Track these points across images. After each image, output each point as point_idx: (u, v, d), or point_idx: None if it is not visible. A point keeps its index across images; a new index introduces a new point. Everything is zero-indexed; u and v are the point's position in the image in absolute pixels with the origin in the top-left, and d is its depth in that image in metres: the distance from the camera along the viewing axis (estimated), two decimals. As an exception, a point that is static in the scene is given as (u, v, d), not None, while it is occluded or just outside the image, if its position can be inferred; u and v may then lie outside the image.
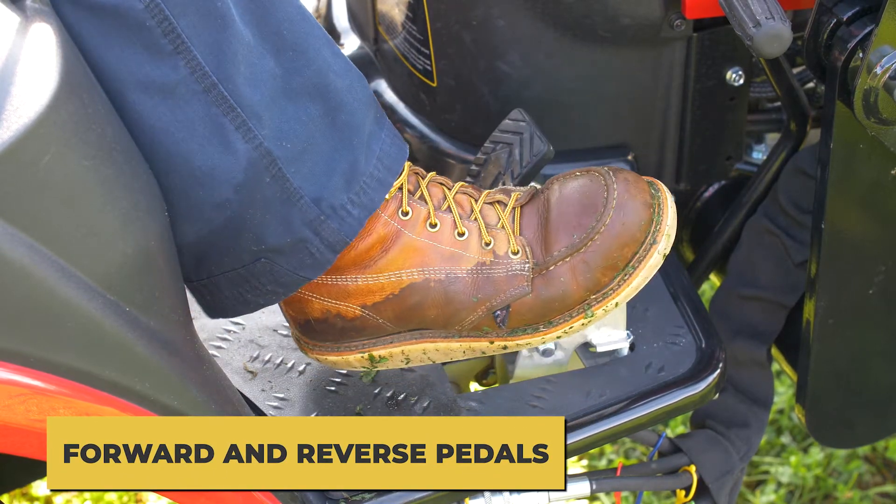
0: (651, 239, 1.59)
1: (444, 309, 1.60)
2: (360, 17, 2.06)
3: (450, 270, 1.59)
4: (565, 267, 1.59)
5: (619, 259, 1.59)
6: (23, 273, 1.28)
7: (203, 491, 1.44)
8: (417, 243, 1.59)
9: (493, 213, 1.62)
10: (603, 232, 1.58)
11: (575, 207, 1.60)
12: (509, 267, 1.59)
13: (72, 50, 1.36)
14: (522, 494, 1.71)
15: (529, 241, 1.60)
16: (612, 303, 1.60)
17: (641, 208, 1.59)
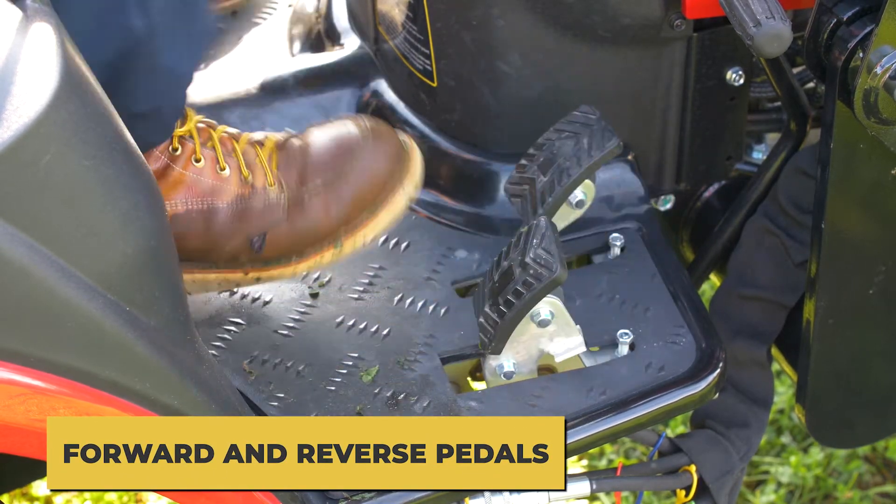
0: (398, 180, 1.76)
1: (205, 238, 1.71)
2: (360, 17, 2.06)
3: (211, 202, 1.71)
4: (319, 200, 1.73)
5: (368, 196, 1.74)
6: (23, 273, 1.28)
7: (203, 491, 1.44)
8: (182, 176, 1.70)
9: (252, 152, 1.74)
10: (356, 170, 1.73)
11: (331, 148, 1.75)
12: (266, 198, 1.72)
13: (72, 50, 1.36)
14: (522, 494, 1.71)
15: (286, 177, 1.74)
16: (361, 234, 1.75)
17: (389, 153, 1.76)
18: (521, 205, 1.78)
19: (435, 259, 1.87)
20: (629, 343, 1.76)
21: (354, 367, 1.75)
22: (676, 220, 2.04)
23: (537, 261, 1.63)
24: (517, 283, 1.64)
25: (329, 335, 1.79)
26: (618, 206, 1.91)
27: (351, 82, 2.04)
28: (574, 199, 1.78)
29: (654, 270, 1.84)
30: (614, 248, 1.87)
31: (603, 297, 1.81)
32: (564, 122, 1.78)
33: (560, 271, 1.62)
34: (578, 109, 1.79)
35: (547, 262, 1.62)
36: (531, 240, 1.65)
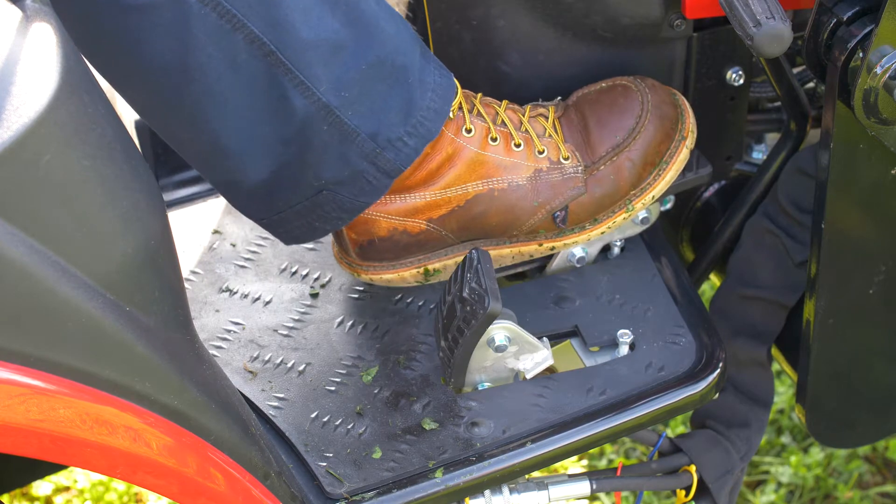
0: (680, 136, 1.77)
1: (507, 216, 1.73)
2: (360, 17, 2.06)
3: (511, 179, 1.73)
4: (612, 166, 1.75)
5: (655, 155, 1.75)
6: (23, 273, 1.28)
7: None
8: (481, 157, 1.72)
9: (539, 125, 1.75)
10: (643, 132, 1.75)
11: (612, 113, 1.76)
12: (563, 171, 1.74)
13: (72, 50, 1.36)
14: (522, 494, 1.71)
15: (575, 145, 1.75)
16: (650, 196, 1.77)
17: (670, 108, 1.77)
18: None
19: (435, 259, 1.87)
20: (629, 343, 1.76)
21: (354, 367, 1.75)
22: (676, 220, 2.04)
23: (471, 295, 1.64)
24: (459, 319, 1.66)
25: (329, 335, 1.79)
26: (618, 206, 1.91)
27: (351, 82, 2.04)
28: (640, 216, 1.82)
29: (654, 270, 1.84)
30: (614, 248, 1.87)
31: (603, 297, 1.82)
32: None
33: (492, 305, 1.62)
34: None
35: (479, 297, 1.63)
36: (465, 273, 1.66)
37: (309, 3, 1.56)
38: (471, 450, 1.65)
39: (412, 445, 1.66)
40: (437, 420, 1.68)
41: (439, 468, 1.63)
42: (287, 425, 1.68)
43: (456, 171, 1.71)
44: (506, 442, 1.66)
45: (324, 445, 1.66)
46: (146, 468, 1.40)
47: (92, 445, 1.36)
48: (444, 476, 1.63)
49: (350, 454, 1.65)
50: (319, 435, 1.67)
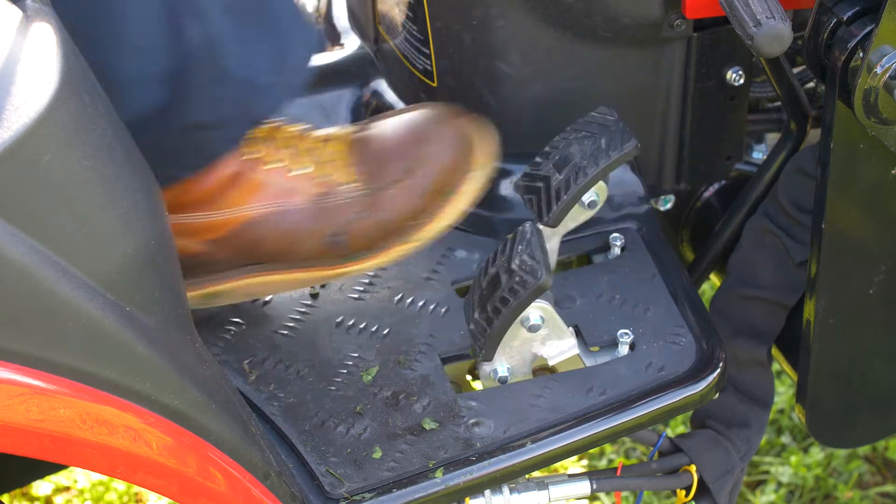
0: (469, 166, 1.72)
1: (284, 240, 1.68)
2: (360, 17, 2.06)
3: (291, 202, 1.68)
4: (396, 191, 1.70)
5: (441, 184, 1.70)
6: (23, 273, 1.28)
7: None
8: (257, 180, 1.67)
9: (327, 148, 1.71)
10: (425, 157, 1.70)
11: (404, 138, 1.71)
12: (346, 195, 1.69)
13: (72, 50, 1.36)
14: (522, 494, 1.71)
15: (362, 170, 1.70)
16: (437, 225, 1.71)
17: (459, 138, 1.71)
18: (533, 202, 1.78)
19: (435, 259, 1.87)
20: (629, 343, 1.76)
21: (354, 366, 1.75)
22: (676, 220, 2.04)
23: (522, 267, 1.63)
24: (504, 290, 1.64)
25: (329, 335, 1.79)
26: (618, 206, 1.91)
27: (351, 82, 2.05)
28: (587, 199, 1.78)
29: (654, 270, 1.84)
30: (614, 248, 1.87)
31: (603, 297, 1.82)
32: (582, 121, 1.78)
33: (545, 277, 1.61)
34: (597, 110, 1.78)
35: (532, 269, 1.62)
36: (516, 246, 1.65)
37: None
38: (471, 450, 1.65)
39: (412, 445, 1.66)
40: (437, 420, 1.68)
41: (439, 468, 1.63)
42: (287, 425, 1.68)
43: (232, 192, 1.66)
44: (506, 442, 1.66)
45: (324, 445, 1.66)
46: (146, 468, 1.40)
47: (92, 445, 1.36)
48: (444, 476, 1.63)
49: (350, 454, 1.65)
50: (319, 435, 1.67)
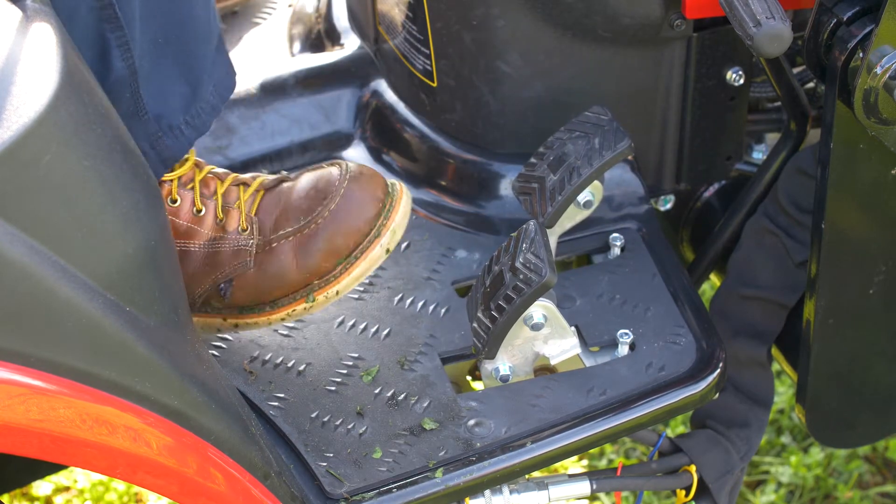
0: (375, 232, 1.66)
1: None
2: (360, 17, 2.06)
3: (184, 244, 1.67)
4: (287, 246, 1.66)
5: (341, 247, 1.66)
6: (23, 273, 1.28)
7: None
8: None
9: (234, 194, 1.69)
10: (327, 217, 1.65)
11: (309, 193, 1.68)
12: (236, 242, 1.67)
13: (72, 50, 1.36)
14: (522, 494, 1.71)
15: (262, 220, 1.68)
16: (333, 290, 1.67)
17: (369, 201, 1.66)
18: (528, 203, 1.78)
19: (435, 259, 1.87)
20: (629, 343, 1.76)
21: (355, 367, 1.75)
22: (676, 220, 2.04)
23: (527, 265, 1.63)
24: (508, 287, 1.64)
25: (329, 335, 1.79)
26: (618, 206, 1.91)
27: (351, 82, 2.04)
28: (582, 199, 1.78)
29: (654, 270, 1.84)
30: (614, 248, 1.87)
31: (603, 297, 1.81)
32: (576, 121, 1.78)
33: (549, 275, 1.61)
34: (590, 110, 1.78)
35: (536, 267, 1.62)
36: (521, 244, 1.65)
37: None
38: (471, 450, 1.65)
39: (412, 445, 1.66)
40: (437, 420, 1.68)
41: (439, 468, 1.63)
42: (287, 425, 1.68)
43: None
44: (506, 442, 1.66)
45: (324, 445, 1.66)
46: (146, 468, 1.40)
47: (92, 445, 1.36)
48: (444, 476, 1.63)
49: (350, 454, 1.65)
50: (319, 435, 1.67)
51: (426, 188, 1.95)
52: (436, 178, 1.94)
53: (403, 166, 1.97)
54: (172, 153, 1.62)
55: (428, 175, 1.95)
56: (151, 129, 1.60)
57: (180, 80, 1.62)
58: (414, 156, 1.96)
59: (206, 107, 1.65)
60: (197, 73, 1.63)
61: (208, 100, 1.65)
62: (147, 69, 1.57)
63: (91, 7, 1.50)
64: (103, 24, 1.51)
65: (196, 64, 1.62)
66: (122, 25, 1.52)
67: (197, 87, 1.63)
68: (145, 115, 1.59)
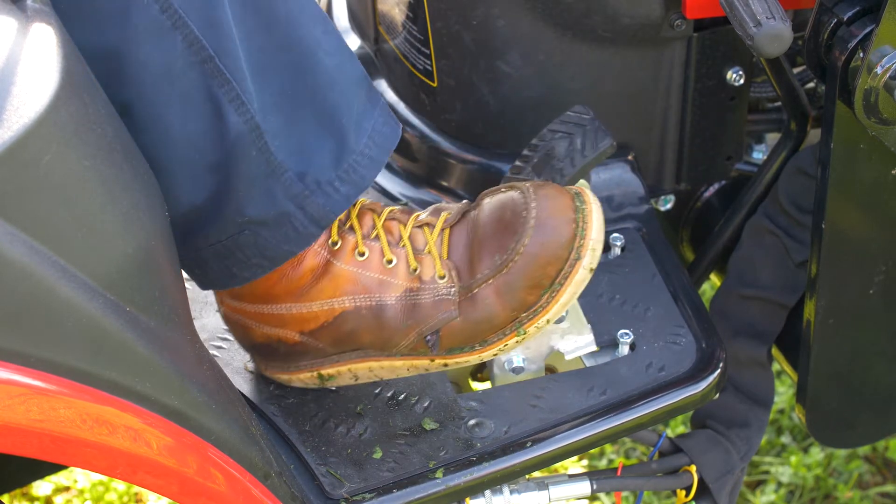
0: (575, 255, 1.56)
1: (378, 335, 1.61)
2: (360, 17, 2.06)
3: (379, 298, 1.59)
4: (489, 289, 1.58)
5: (542, 278, 1.57)
6: (23, 273, 1.27)
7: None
8: (346, 272, 1.59)
9: (421, 237, 1.61)
10: (523, 253, 1.56)
11: (496, 227, 1.58)
12: (436, 292, 1.59)
13: (72, 50, 1.36)
14: (522, 494, 1.71)
15: (456, 263, 1.59)
16: (543, 320, 1.58)
17: (562, 225, 1.56)
18: None
19: (435, 259, 1.87)
20: (629, 343, 1.76)
21: (354, 367, 1.75)
22: (676, 220, 2.04)
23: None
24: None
25: (329, 335, 1.78)
26: (618, 206, 1.91)
27: (351, 82, 2.04)
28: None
29: (654, 270, 1.84)
30: (614, 248, 1.87)
31: (603, 297, 1.81)
32: (558, 122, 1.77)
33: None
34: (572, 109, 1.78)
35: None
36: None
37: (243, 14, 1.46)
38: (471, 450, 1.65)
39: (412, 446, 1.66)
40: (437, 420, 1.68)
41: (440, 468, 1.63)
42: (287, 425, 1.68)
43: (319, 285, 1.59)
44: (506, 442, 1.66)
45: (324, 446, 1.66)
46: (146, 468, 1.40)
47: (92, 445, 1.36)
48: (444, 476, 1.63)
49: (350, 454, 1.65)
50: (320, 435, 1.67)
51: (426, 188, 1.95)
52: (436, 178, 1.94)
53: (403, 166, 1.97)
54: (325, 212, 1.54)
55: (428, 175, 1.95)
56: (295, 189, 1.52)
57: (323, 134, 1.53)
58: (414, 156, 1.96)
59: (361, 160, 1.55)
60: (341, 124, 1.54)
61: (363, 152, 1.55)
62: (277, 124, 1.49)
63: (190, 63, 1.44)
64: (208, 80, 1.45)
65: (338, 115, 1.53)
66: (230, 79, 1.45)
67: (344, 140, 1.54)
68: (284, 173, 1.51)
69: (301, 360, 1.66)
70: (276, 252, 1.55)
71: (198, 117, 1.46)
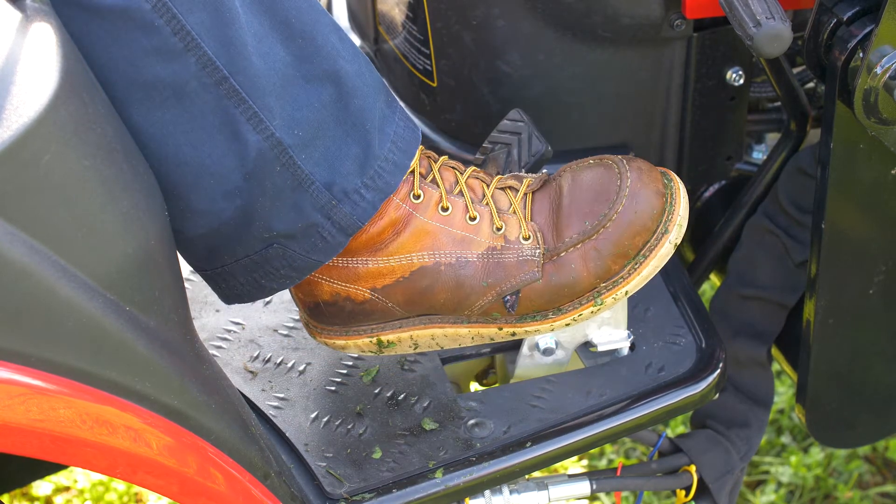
0: (663, 228, 1.59)
1: (455, 293, 1.60)
2: (360, 17, 2.06)
3: (460, 254, 1.59)
4: (576, 254, 1.59)
5: (629, 247, 1.59)
6: (23, 273, 1.28)
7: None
8: (429, 227, 1.59)
9: (504, 199, 1.62)
10: (615, 220, 1.58)
11: (587, 195, 1.60)
12: (520, 252, 1.59)
13: (72, 50, 1.36)
14: (522, 494, 1.71)
15: (541, 226, 1.60)
16: (622, 291, 1.60)
17: (654, 197, 1.59)
18: None
19: (435, 259, 1.87)
20: (629, 343, 1.76)
21: (355, 367, 1.75)
22: (676, 220, 2.04)
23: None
24: None
25: (329, 335, 1.79)
26: (618, 206, 1.91)
27: (351, 82, 2.04)
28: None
29: (655, 270, 1.84)
30: (614, 248, 1.87)
31: (603, 297, 1.81)
32: (496, 131, 1.73)
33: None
34: (507, 116, 1.74)
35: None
36: None
37: (261, 30, 1.45)
38: (471, 450, 1.65)
39: (412, 445, 1.66)
40: (437, 420, 1.68)
41: (439, 468, 1.63)
42: (287, 425, 1.68)
43: (400, 239, 1.58)
44: (506, 442, 1.66)
45: (324, 445, 1.66)
46: (146, 468, 1.40)
47: (92, 445, 1.36)
48: (444, 476, 1.63)
49: (350, 454, 1.65)
50: (319, 435, 1.67)
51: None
52: (436, 178, 1.94)
53: (403, 166, 1.97)
54: (352, 220, 1.54)
55: (428, 175, 1.95)
56: (322, 200, 1.51)
57: (347, 142, 1.52)
58: (414, 156, 1.96)
59: (386, 165, 1.54)
60: (366, 131, 1.53)
61: (388, 157, 1.54)
62: (303, 136, 1.49)
63: (204, 84, 1.42)
64: (224, 101, 1.43)
65: (361, 121, 1.52)
66: (245, 98, 1.44)
67: (369, 147, 1.53)
68: (312, 185, 1.50)
69: (363, 324, 1.63)
70: (304, 263, 1.55)
71: (214, 138, 1.45)
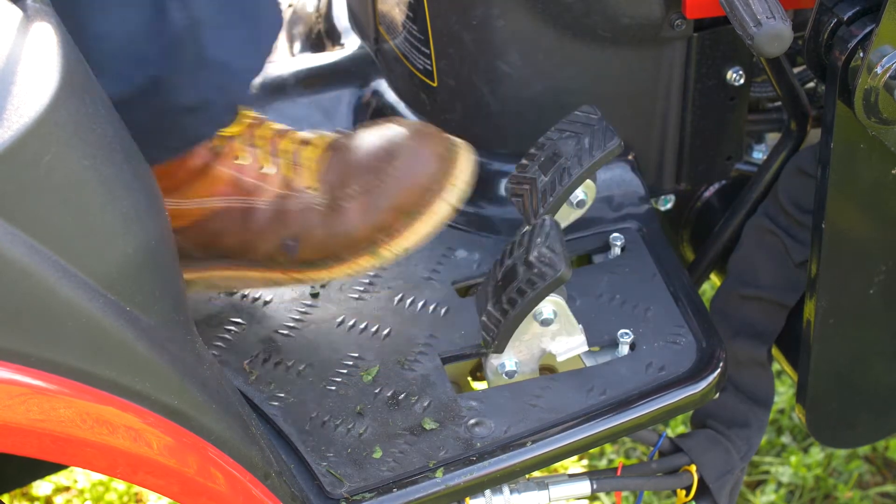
0: (438, 188, 1.68)
1: (242, 237, 1.70)
2: (360, 17, 2.06)
3: (251, 201, 1.69)
4: (355, 204, 1.68)
5: (406, 203, 1.67)
6: (23, 273, 1.28)
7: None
8: (223, 173, 1.69)
9: (301, 152, 1.71)
10: (392, 174, 1.67)
11: (372, 151, 1.70)
12: (303, 200, 1.69)
13: (72, 50, 1.36)
14: (522, 494, 1.71)
15: (329, 179, 1.69)
16: (401, 247, 1.69)
17: (432, 158, 1.68)
18: (521, 204, 1.78)
19: (435, 259, 1.87)
20: (629, 343, 1.76)
21: (355, 366, 1.75)
22: (676, 220, 2.04)
23: (541, 259, 1.63)
24: (521, 281, 1.64)
25: (329, 335, 1.79)
26: (618, 206, 1.91)
27: (351, 82, 2.05)
28: (575, 198, 1.78)
29: (654, 270, 1.84)
30: (614, 248, 1.87)
31: (603, 297, 1.82)
32: (566, 121, 1.78)
33: (564, 270, 1.62)
34: (580, 109, 1.78)
35: (551, 261, 1.62)
36: (535, 238, 1.65)
37: None
38: (471, 450, 1.65)
39: (412, 445, 1.66)
40: (437, 420, 1.68)
41: (440, 468, 1.63)
42: (287, 425, 1.68)
43: (200, 183, 1.68)
44: (506, 442, 1.66)
45: (324, 445, 1.66)
46: (147, 468, 1.40)
47: (92, 445, 1.36)
48: (444, 476, 1.63)
49: (350, 454, 1.65)
50: (320, 435, 1.67)
51: (426, 188, 1.94)
52: (436, 178, 1.94)
53: (403, 166, 1.97)
54: (238, 97, 1.66)
55: (428, 175, 1.95)
56: (217, 77, 1.62)
57: (240, 24, 1.63)
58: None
59: (262, 48, 1.67)
60: (253, 15, 1.64)
61: (263, 41, 1.67)
62: (209, 16, 1.59)
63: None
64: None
65: (254, 9, 1.64)
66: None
67: (254, 30, 1.64)
68: (210, 63, 1.61)
69: None
70: (196, 136, 1.65)
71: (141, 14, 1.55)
